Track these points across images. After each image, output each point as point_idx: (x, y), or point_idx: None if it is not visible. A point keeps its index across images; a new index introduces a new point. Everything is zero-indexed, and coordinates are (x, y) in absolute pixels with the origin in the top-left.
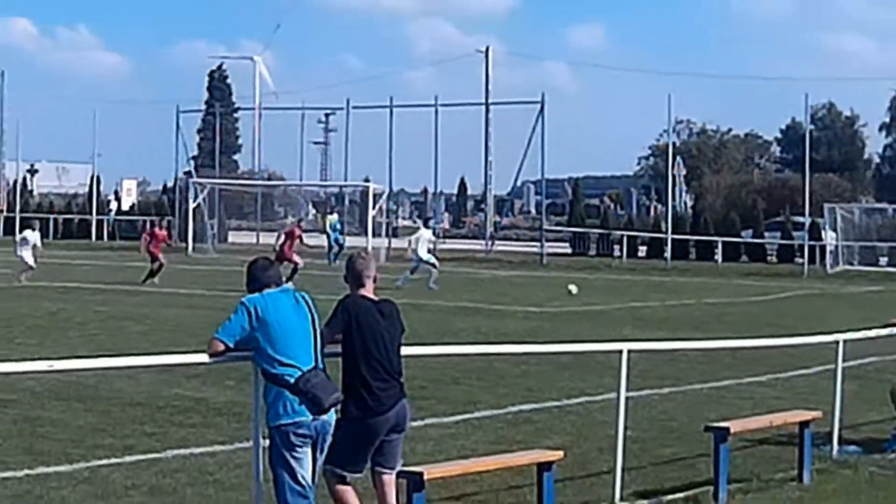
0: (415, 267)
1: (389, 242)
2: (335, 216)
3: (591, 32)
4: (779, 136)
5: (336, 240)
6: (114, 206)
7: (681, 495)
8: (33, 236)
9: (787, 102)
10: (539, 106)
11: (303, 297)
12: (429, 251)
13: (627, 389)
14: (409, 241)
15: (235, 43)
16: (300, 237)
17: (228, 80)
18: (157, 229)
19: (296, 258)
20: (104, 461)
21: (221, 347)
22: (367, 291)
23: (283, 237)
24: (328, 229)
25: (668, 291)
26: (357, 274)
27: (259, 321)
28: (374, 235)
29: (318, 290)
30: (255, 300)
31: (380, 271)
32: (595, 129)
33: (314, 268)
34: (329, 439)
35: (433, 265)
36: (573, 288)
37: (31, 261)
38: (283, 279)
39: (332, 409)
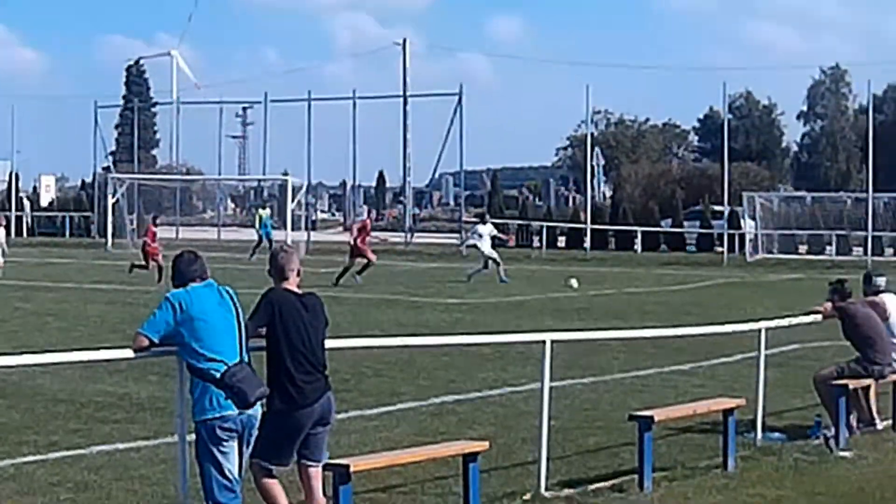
0: (482, 266)
1: (309, 235)
2: (267, 211)
3: (509, 24)
4: (696, 125)
5: (267, 234)
6: (27, 203)
7: (606, 484)
8: None
9: (704, 92)
10: (457, 98)
11: (227, 292)
12: (491, 246)
13: (551, 380)
14: (466, 237)
15: (153, 37)
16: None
17: (146, 75)
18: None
19: (370, 254)
20: (29, 458)
21: (146, 343)
22: (291, 285)
23: (355, 231)
24: (258, 224)
25: (588, 281)
26: (280, 267)
27: (184, 316)
28: (293, 229)
29: (239, 284)
30: (179, 295)
31: (300, 265)
32: (513, 121)
33: (235, 262)
34: (255, 433)
35: (496, 260)
36: (574, 282)
37: None
38: (355, 274)
39: (258, 403)
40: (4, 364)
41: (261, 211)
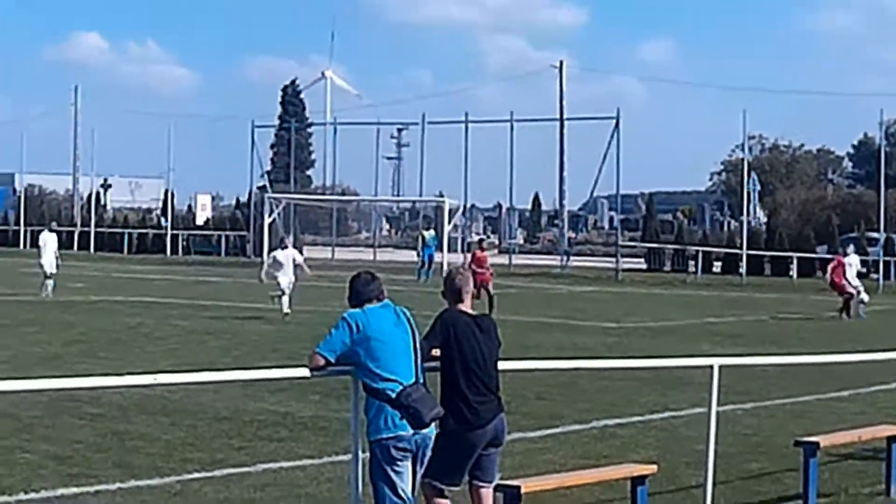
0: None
1: (464, 258)
2: (432, 232)
3: (662, 46)
4: (850, 151)
5: (430, 255)
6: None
7: None
8: (50, 238)
9: (859, 117)
10: (614, 121)
11: (403, 313)
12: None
13: (717, 405)
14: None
15: (306, 57)
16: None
17: (302, 95)
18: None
19: (849, 288)
20: (195, 475)
21: (322, 362)
22: (466, 306)
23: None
24: (421, 245)
25: (743, 307)
26: (456, 289)
27: (360, 336)
28: (450, 251)
29: (412, 306)
30: (356, 315)
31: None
32: (666, 144)
33: (390, 283)
34: (429, 453)
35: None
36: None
37: (50, 267)
38: None
39: (432, 424)
40: (185, 380)
41: (424, 232)
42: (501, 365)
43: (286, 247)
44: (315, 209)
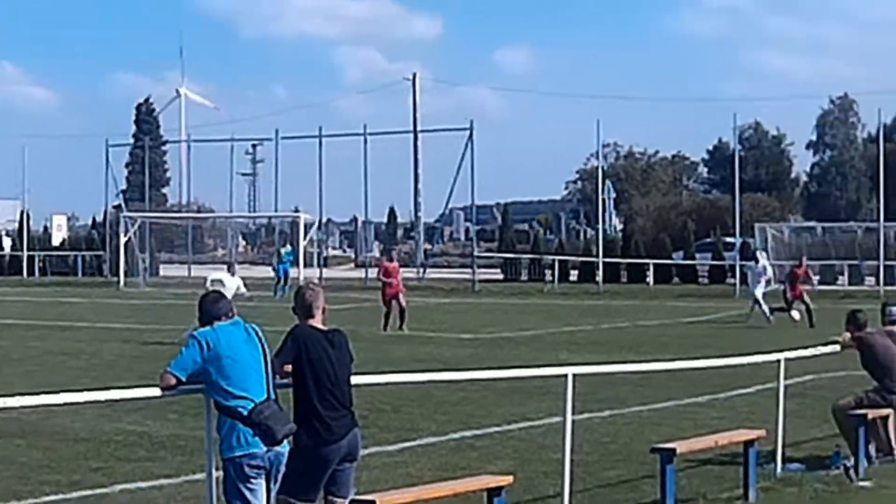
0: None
1: (321, 272)
2: (288, 247)
3: (517, 55)
4: (706, 156)
5: (285, 270)
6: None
7: None
8: None
9: (713, 123)
10: (468, 132)
11: (253, 329)
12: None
13: (572, 413)
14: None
15: (160, 74)
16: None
17: (156, 113)
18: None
19: (806, 297)
20: (51, 497)
21: (174, 381)
22: (317, 322)
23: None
24: (276, 261)
25: (601, 315)
26: (307, 304)
27: (211, 354)
28: (305, 265)
29: (259, 322)
30: (206, 333)
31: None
32: (522, 154)
33: (258, 299)
34: (282, 469)
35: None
36: (795, 314)
37: None
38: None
39: (285, 440)
40: (27, 404)
41: (280, 248)
42: (358, 379)
43: (234, 273)
44: (171, 227)
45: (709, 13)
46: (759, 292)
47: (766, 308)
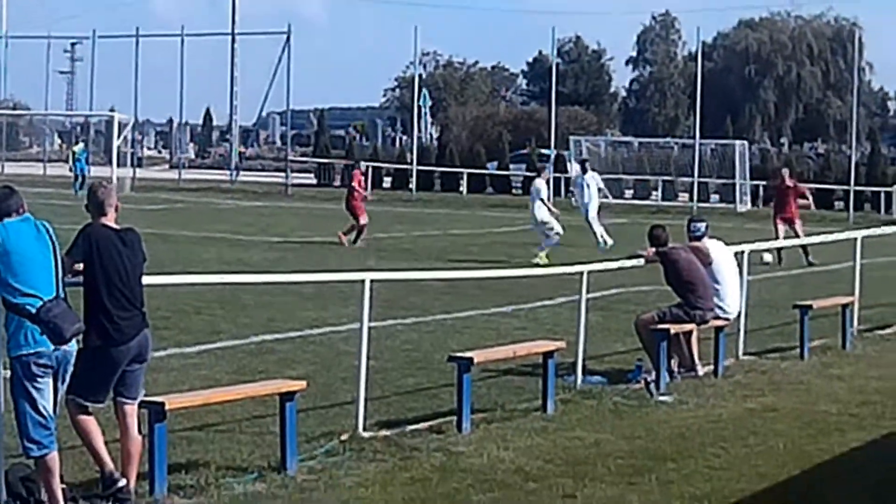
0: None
1: (134, 172)
2: (81, 145)
3: None
4: (525, 68)
5: (81, 169)
6: None
7: (424, 425)
8: None
9: (533, 35)
10: (285, 36)
11: (44, 226)
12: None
13: (371, 319)
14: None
15: None
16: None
17: None
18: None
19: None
20: None
21: None
22: (109, 220)
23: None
24: (72, 160)
25: (413, 222)
26: (99, 202)
27: None
28: (119, 165)
29: (61, 220)
30: None
31: (125, 201)
32: (341, 60)
33: (60, 197)
34: (70, 369)
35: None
36: (767, 256)
37: None
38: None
39: (74, 339)
40: None
41: (74, 147)
42: (160, 279)
43: None
44: None
45: None
46: (592, 211)
47: (599, 230)
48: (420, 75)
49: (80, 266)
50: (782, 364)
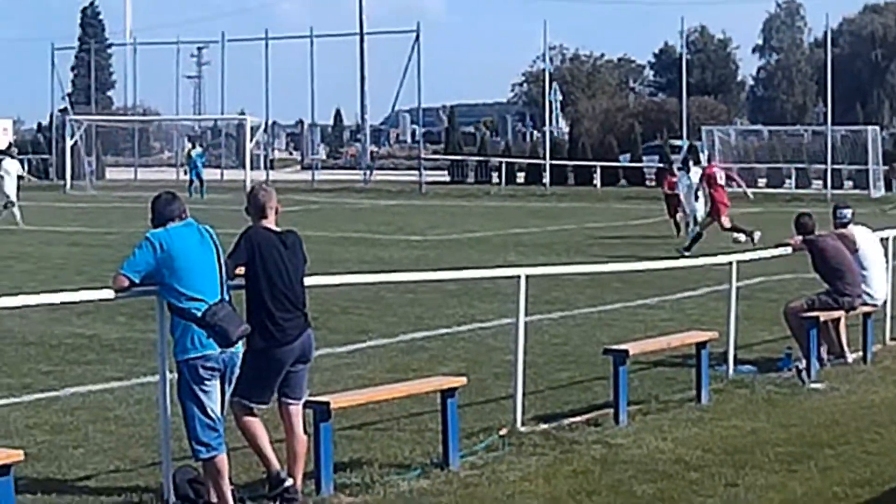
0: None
1: (267, 175)
2: (198, 149)
3: None
4: (652, 60)
5: (198, 173)
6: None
7: (581, 418)
8: (13, 166)
9: (659, 26)
10: (414, 34)
11: (206, 231)
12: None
13: (524, 315)
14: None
15: None
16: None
17: (101, 16)
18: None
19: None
20: (3, 401)
21: (126, 283)
22: (270, 223)
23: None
24: (188, 163)
25: (548, 217)
26: (260, 205)
27: (164, 255)
28: (251, 168)
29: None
30: (159, 235)
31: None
32: (468, 57)
33: (189, 202)
34: (237, 371)
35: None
36: (752, 235)
37: (12, 193)
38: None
39: (240, 342)
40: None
41: (191, 150)
42: (308, 280)
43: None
44: (117, 130)
45: None
46: (700, 212)
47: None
48: (548, 69)
49: (242, 269)
50: None
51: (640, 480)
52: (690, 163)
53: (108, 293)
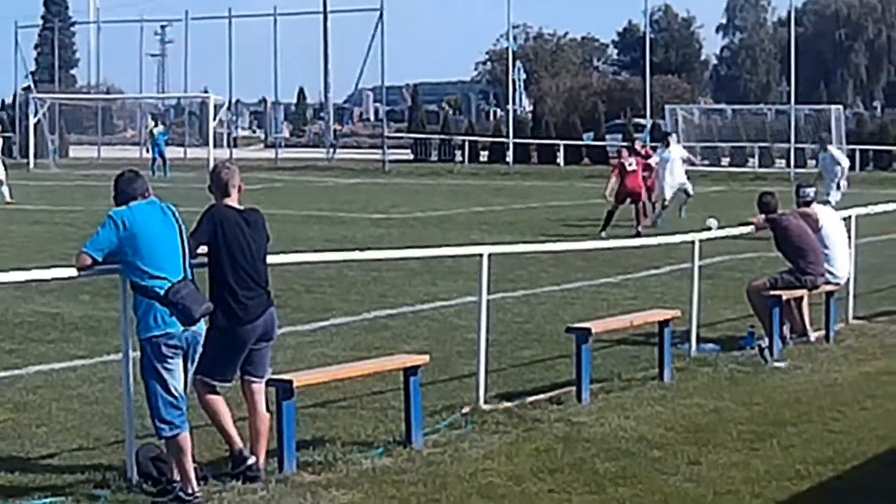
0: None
1: (230, 153)
2: (161, 127)
3: None
4: (615, 38)
5: (160, 151)
6: None
7: (544, 396)
8: None
9: (622, 5)
10: (378, 13)
11: (169, 209)
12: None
13: (487, 293)
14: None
15: None
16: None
17: None
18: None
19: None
20: None
21: (89, 261)
22: (232, 201)
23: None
24: (151, 142)
25: (511, 195)
26: (223, 184)
27: (127, 233)
28: (214, 146)
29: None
30: (122, 213)
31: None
32: (431, 35)
33: (153, 180)
34: (199, 350)
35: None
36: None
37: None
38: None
39: (202, 320)
40: None
41: (153, 128)
42: (270, 259)
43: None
44: (80, 108)
45: None
46: (668, 191)
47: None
48: (511, 48)
49: (205, 248)
50: (892, 327)
51: (603, 458)
52: (671, 139)
53: (72, 271)
